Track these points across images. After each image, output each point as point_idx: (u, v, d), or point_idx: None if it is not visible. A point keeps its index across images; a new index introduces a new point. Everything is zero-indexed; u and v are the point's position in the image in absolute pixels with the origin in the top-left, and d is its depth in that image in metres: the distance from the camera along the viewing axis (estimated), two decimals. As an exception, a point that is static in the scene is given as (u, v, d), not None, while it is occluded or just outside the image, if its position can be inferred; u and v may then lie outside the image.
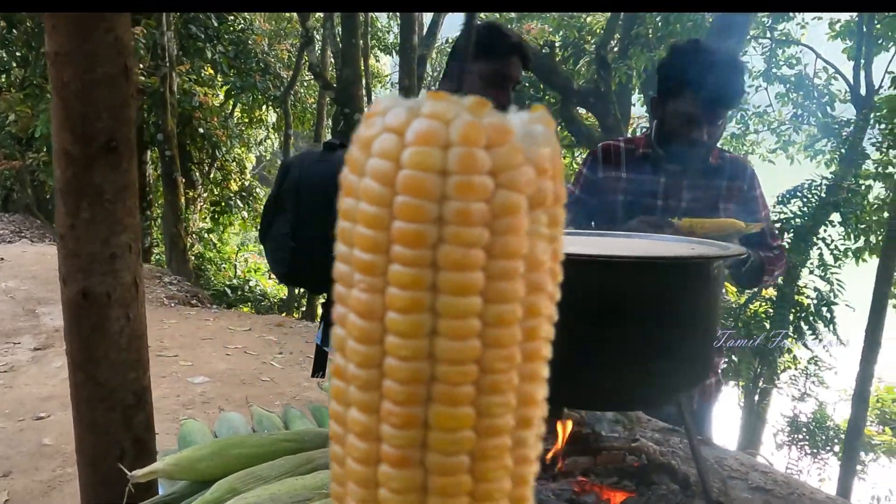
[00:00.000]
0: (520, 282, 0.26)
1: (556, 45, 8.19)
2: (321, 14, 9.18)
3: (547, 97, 7.79)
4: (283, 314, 9.45)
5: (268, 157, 16.00)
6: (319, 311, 1.82)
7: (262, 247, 1.90)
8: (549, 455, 1.00)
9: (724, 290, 1.72)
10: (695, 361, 0.88)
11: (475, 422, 0.25)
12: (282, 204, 1.76)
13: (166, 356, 4.51)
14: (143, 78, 8.21)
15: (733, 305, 7.17)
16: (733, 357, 7.76)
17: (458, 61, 1.79)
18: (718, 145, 1.75)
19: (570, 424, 1.06)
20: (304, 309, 10.60)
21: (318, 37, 9.69)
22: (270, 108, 11.25)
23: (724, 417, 8.45)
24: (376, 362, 0.26)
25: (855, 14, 7.65)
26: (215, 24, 9.18)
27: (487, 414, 0.26)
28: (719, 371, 1.84)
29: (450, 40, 10.15)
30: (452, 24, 9.39)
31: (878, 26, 7.76)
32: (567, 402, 0.98)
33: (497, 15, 8.22)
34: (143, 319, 1.01)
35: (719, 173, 1.65)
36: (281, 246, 1.75)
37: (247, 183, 11.20)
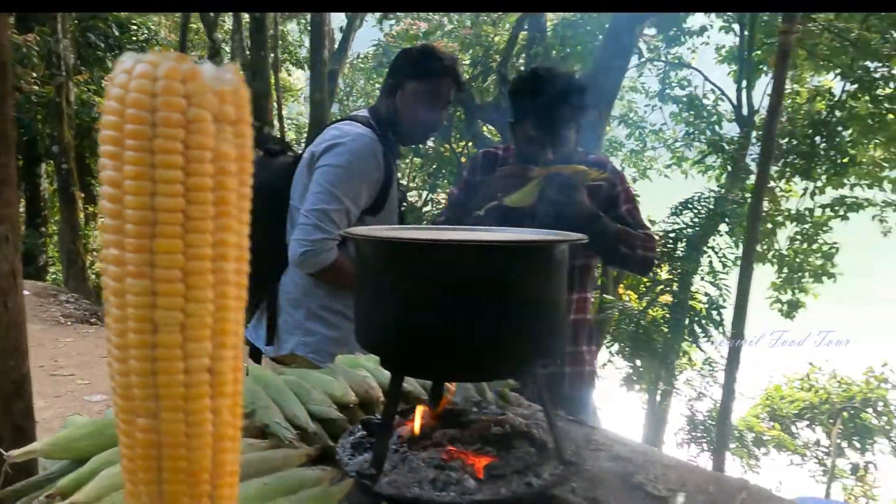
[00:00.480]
0: (209, 164, 0.40)
1: (466, 63, 8.44)
2: (230, 26, 9.06)
3: (457, 113, 8.01)
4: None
5: (175, 172, 15.46)
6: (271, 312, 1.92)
7: None
8: (419, 429, 1.09)
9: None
10: (543, 336, 0.99)
11: (184, 249, 0.40)
12: None
13: (61, 375, 4.31)
14: (36, 87, 7.82)
15: (635, 311, 7.56)
16: (637, 362, 8.17)
17: (392, 79, 1.90)
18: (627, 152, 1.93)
19: (446, 396, 1.15)
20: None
21: (226, 49, 9.54)
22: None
23: (631, 420, 8.86)
24: (120, 213, 0.39)
25: (737, 40, 8.29)
26: (116, 34, 8.87)
27: (192, 245, 0.40)
28: (595, 363, 1.99)
29: (361, 56, 10.24)
30: (363, 40, 9.48)
31: (759, 52, 8.46)
32: (431, 374, 1.07)
33: (410, 21, 8.38)
34: (21, 309, 1.02)
35: None
36: None
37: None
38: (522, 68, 6.97)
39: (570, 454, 1.06)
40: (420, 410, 1.12)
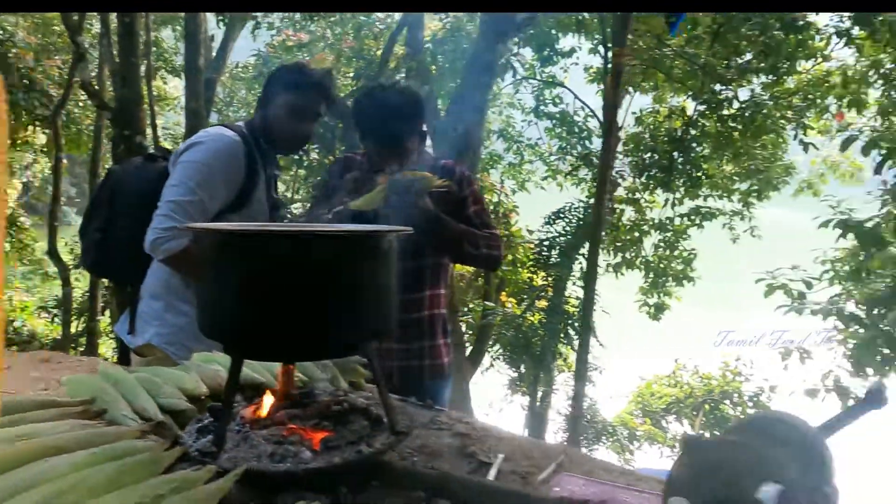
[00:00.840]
0: None
1: (350, 75, 8.50)
2: (97, 29, 8.60)
3: (339, 123, 8.05)
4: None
5: (37, 185, 14.42)
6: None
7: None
8: (263, 411, 1.17)
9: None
10: (373, 318, 1.09)
11: None
12: (100, 203, 2.03)
13: None
14: None
15: (515, 316, 7.88)
16: (521, 367, 8.51)
17: (265, 92, 2.02)
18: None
19: (288, 380, 1.23)
20: (82, 349, 9.66)
21: (94, 53, 9.05)
22: (38, 128, 10.20)
23: (515, 421, 9.18)
24: None
25: (602, 62, 8.89)
26: (-34, 34, 8.19)
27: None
28: (451, 354, 2.12)
29: (240, 65, 10.05)
30: (242, 49, 9.32)
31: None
32: (269, 356, 1.15)
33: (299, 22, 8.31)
34: None
35: None
36: (92, 239, 2.01)
37: (9, 212, 9.99)
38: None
39: (402, 426, 1.18)
40: (265, 394, 1.20)
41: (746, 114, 8.54)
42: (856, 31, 7.22)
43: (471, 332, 8.97)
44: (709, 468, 0.79)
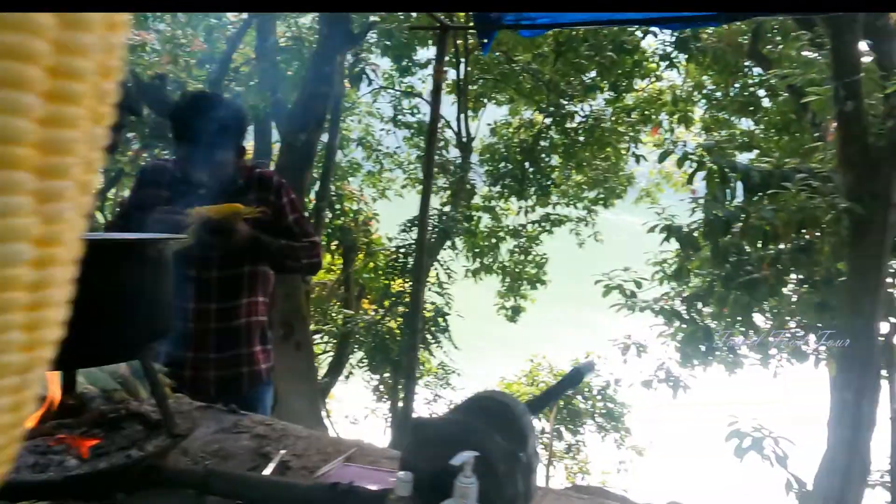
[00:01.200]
0: None
1: (202, 79, 8.19)
2: None
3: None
4: None
5: None
6: None
7: None
8: (33, 421, 1.15)
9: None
10: (146, 323, 1.12)
11: None
12: None
13: None
14: None
15: (373, 321, 7.95)
16: (384, 373, 8.58)
17: None
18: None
19: (57, 392, 1.22)
20: None
21: None
22: None
23: (379, 427, 9.23)
24: None
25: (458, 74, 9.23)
26: None
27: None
28: (270, 360, 2.14)
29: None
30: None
31: (475, 87, 9.53)
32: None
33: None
34: None
35: (246, 189, 1.97)
36: None
37: None
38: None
39: (181, 429, 1.20)
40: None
41: (588, 127, 9.23)
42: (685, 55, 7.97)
43: (334, 340, 8.93)
44: (428, 443, 0.90)
